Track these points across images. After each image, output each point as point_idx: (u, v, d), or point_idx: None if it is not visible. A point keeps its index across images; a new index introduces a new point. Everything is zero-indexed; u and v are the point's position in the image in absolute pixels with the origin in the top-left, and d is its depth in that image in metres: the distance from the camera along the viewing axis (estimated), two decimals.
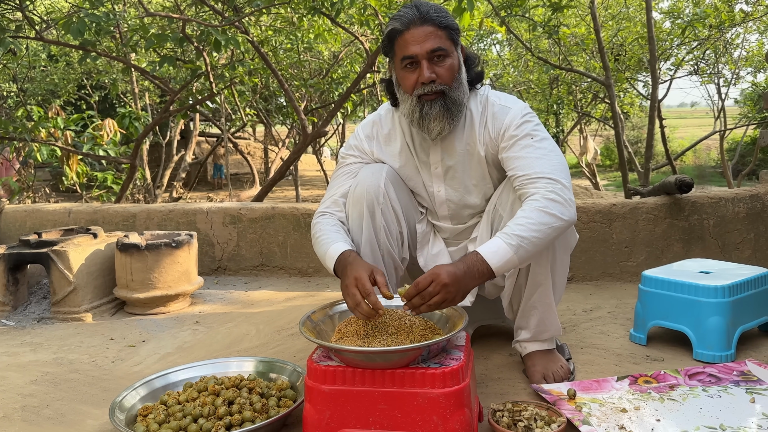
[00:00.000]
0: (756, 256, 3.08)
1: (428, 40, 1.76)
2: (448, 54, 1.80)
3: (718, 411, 1.69)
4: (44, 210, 3.83)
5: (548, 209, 1.67)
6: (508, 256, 1.63)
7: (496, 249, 1.63)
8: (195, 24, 4.62)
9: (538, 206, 1.67)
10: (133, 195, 8.97)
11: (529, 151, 1.80)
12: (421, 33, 1.77)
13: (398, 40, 1.81)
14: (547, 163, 1.77)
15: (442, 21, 1.78)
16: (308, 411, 1.54)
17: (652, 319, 2.24)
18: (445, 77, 1.80)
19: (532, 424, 1.60)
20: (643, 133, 22.16)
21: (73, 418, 1.84)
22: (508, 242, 1.63)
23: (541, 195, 1.69)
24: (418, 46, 1.77)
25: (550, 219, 1.66)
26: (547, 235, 1.66)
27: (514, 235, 1.63)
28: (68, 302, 2.83)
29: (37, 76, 11.02)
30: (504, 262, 1.63)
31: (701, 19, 6.24)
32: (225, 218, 3.62)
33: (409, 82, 1.82)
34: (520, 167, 1.79)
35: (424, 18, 1.77)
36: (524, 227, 1.64)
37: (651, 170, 6.13)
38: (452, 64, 1.81)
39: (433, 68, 1.79)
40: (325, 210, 1.96)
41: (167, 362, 2.28)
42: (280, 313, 2.84)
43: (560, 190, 1.70)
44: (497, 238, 1.65)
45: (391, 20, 1.83)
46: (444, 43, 1.79)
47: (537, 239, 1.65)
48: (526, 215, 1.66)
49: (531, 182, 1.74)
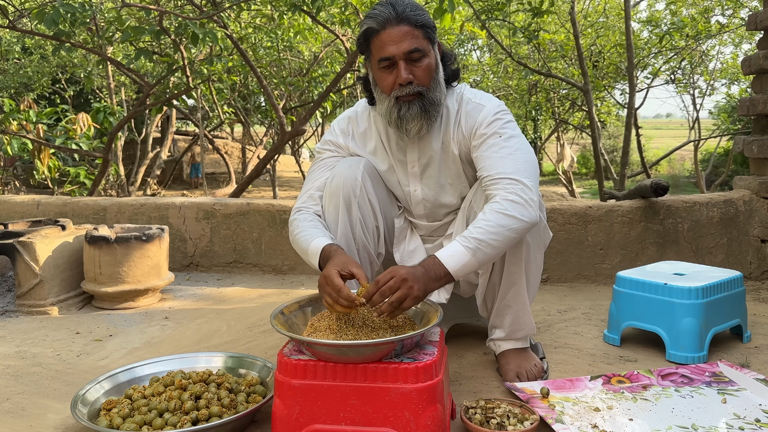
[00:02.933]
0: (728, 261, 3.11)
1: (405, 40, 1.73)
2: (425, 54, 1.77)
3: (690, 411, 1.69)
4: (12, 201, 3.73)
5: (507, 211, 1.65)
6: (466, 259, 1.61)
7: (454, 253, 1.62)
8: (172, 16, 4.55)
9: (497, 208, 1.66)
10: (106, 191, 8.83)
11: (495, 150, 1.78)
12: (397, 33, 1.73)
13: (374, 39, 1.77)
14: (511, 162, 1.75)
15: (418, 20, 1.75)
16: (277, 406, 1.51)
17: (625, 320, 2.24)
18: (423, 78, 1.77)
19: (505, 421, 1.58)
20: (619, 142, 22.44)
21: (33, 412, 1.78)
22: (465, 245, 1.62)
23: (501, 197, 1.68)
24: (394, 47, 1.73)
25: (509, 221, 1.65)
26: (506, 237, 1.65)
27: (472, 239, 1.62)
28: (33, 295, 2.75)
29: (10, 68, 10.82)
30: (461, 266, 1.62)
31: (679, 29, 6.32)
32: (198, 213, 3.55)
33: (386, 82, 1.79)
34: (485, 167, 1.78)
35: (400, 17, 1.73)
36: (482, 230, 1.63)
37: (627, 177, 6.19)
38: (429, 64, 1.78)
39: (410, 69, 1.76)
40: (301, 206, 1.93)
41: (134, 357, 2.22)
42: (253, 310, 2.80)
43: (521, 190, 1.68)
44: (456, 242, 1.64)
45: (366, 18, 1.79)
46: (421, 43, 1.76)
47: (496, 242, 1.63)
48: (485, 218, 1.65)
49: (494, 183, 1.73)
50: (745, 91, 11.47)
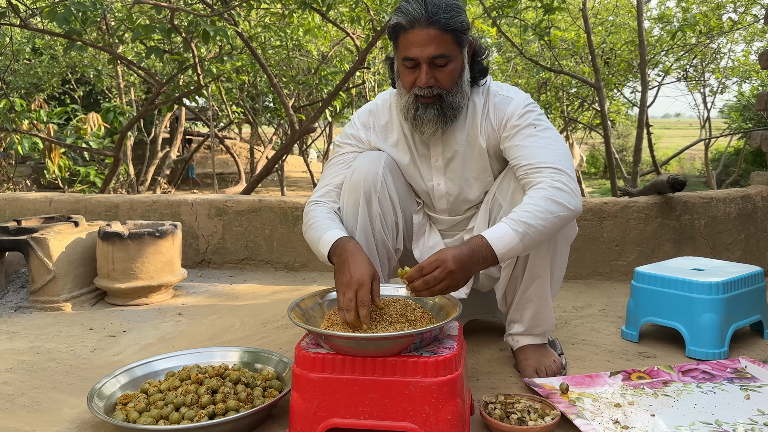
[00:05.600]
0: (746, 257, 3.07)
1: (431, 45, 1.68)
2: (451, 59, 1.72)
3: (713, 407, 1.66)
4: (24, 198, 3.73)
5: (556, 198, 1.62)
6: (514, 243, 1.58)
7: (502, 235, 1.58)
8: (183, 14, 4.55)
9: (545, 194, 1.63)
10: (116, 190, 8.86)
11: (533, 140, 1.76)
12: (424, 36, 1.67)
13: (401, 36, 1.72)
14: (552, 152, 1.72)
15: (449, 24, 1.68)
16: (295, 400, 1.49)
17: (644, 315, 2.21)
18: (445, 82, 1.74)
19: (526, 416, 1.56)
20: (628, 142, 22.36)
21: (49, 406, 1.77)
22: (514, 229, 1.58)
23: (547, 183, 1.65)
24: (419, 50, 1.68)
25: (557, 208, 1.62)
26: (553, 224, 1.62)
27: (521, 222, 1.58)
28: (47, 291, 2.75)
29: (20, 69, 10.87)
30: (509, 249, 1.58)
31: (691, 25, 6.27)
32: (210, 210, 3.55)
33: (408, 79, 1.76)
34: (524, 156, 1.75)
35: (431, 19, 1.67)
36: (531, 214, 1.59)
37: (639, 175, 6.14)
38: (453, 69, 1.74)
39: (432, 73, 1.71)
40: (318, 199, 1.89)
41: (148, 352, 2.21)
42: (266, 306, 2.78)
43: (566, 179, 1.66)
44: (503, 224, 1.59)
45: (398, 11, 1.73)
46: (448, 48, 1.70)
47: (543, 227, 1.60)
48: (533, 202, 1.61)
49: (536, 171, 1.70)
50: (757, 88, 11.39)
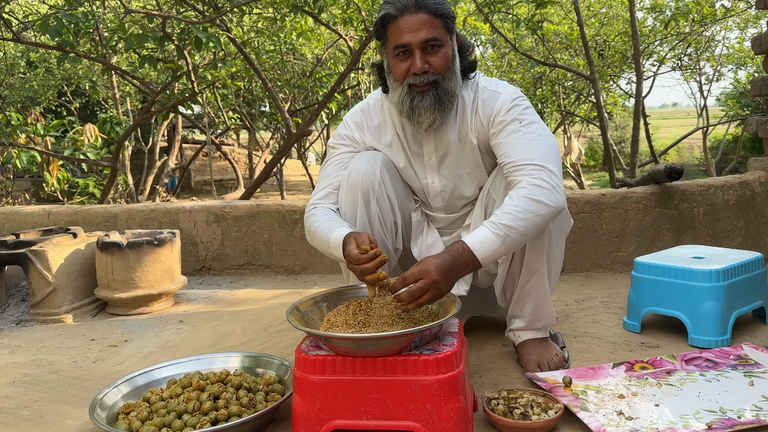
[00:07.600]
0: (746, 244, 3.06)
1: (422, 29, 1.70)
2: (443, 44, 1.74)
3: (717, 395, 1.66)
4: (22, 212, 3.73)
5: (535, 196, 1.62)
6: (495, 246, 1.58)
7: (483, 239, 1.58)
8: (175, 21, 4.55)
9: (525, 194, 1.63)
10: (115, 200, 8.85)
11: (516, 136, 1.76)
12: (415, 21, 1.70)
13: (391, 26, 1.74)
14: (534, 148, 1.72)
15: (438, 9, 1.71)
16: (297, 403, 1.49)
17: (645, 305, 2.20)
18: (438, 67, 1.74)
19: (529, 411, 1.55)
20: (626, 133, 22.31)
21: (51, 419, 1.77)
22: (495, 232, 1.58)
23: (527, 182, 1.65)
24: (411, 35, 1.70)
25: (538, 207, 1.62)
26: (535, 224, 1.62)
27: (501, 225, 1.59)
28: (48, 303, 2.74)
29: (15, 83, 10.87)
30: (490, 253, 1.59)
31: (684, 14, 6.26)
32: (209, 217, 3.54)
33: (400, 70, 1.76)
34: (507, 154, 1.75)
35: (420, 5, 1.70)
36: (512, 216, 1.60)
37: (637, 166, 6.13)
38: (446, 54, 1.75)
39: (426, 58, 1.73)
40: (316, 202, 1.89)
41: (150, 361, 2.20)
42: (267, 310, 2.78)
43: (547, 176, 1.66)
44: (484, 228, 1.60)
45: (385, 3, 1.76)
46: (439, 32, 1.73)
47: (524, 228, 1.60)
48: (513, 203, 1.62)
49: (517, 169, 1.70)
50: (752, 75, 11.37)
